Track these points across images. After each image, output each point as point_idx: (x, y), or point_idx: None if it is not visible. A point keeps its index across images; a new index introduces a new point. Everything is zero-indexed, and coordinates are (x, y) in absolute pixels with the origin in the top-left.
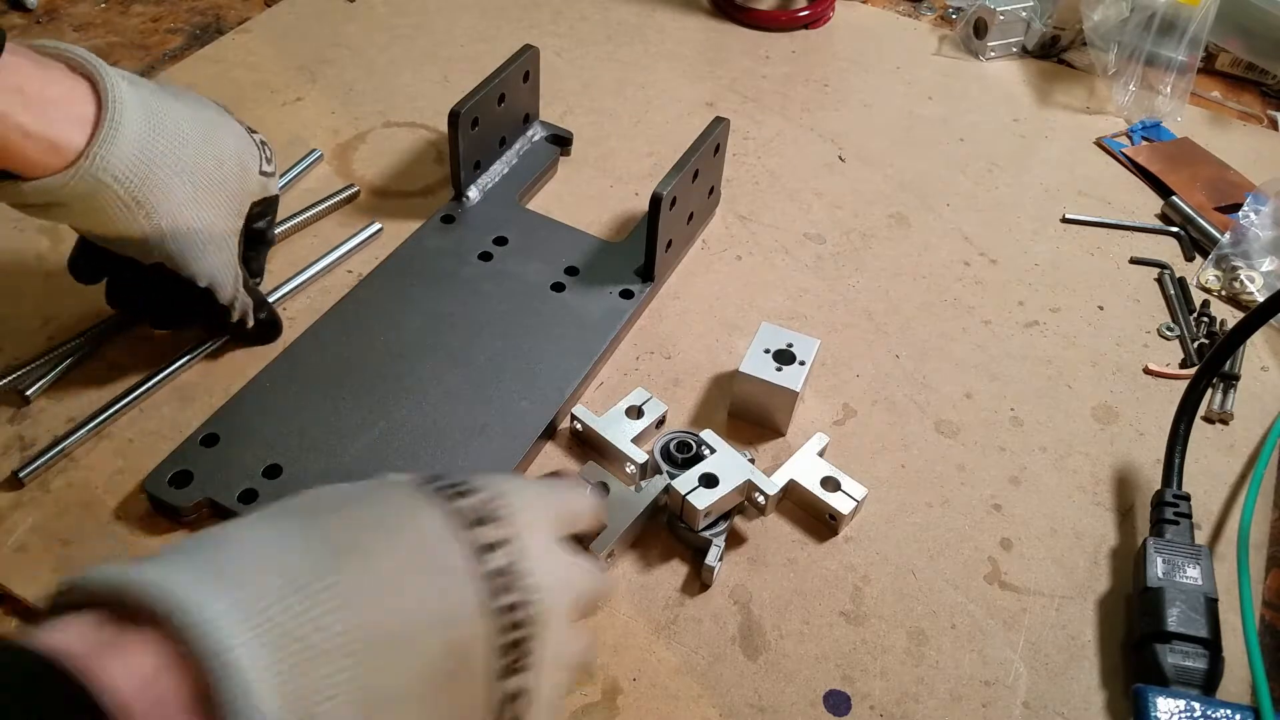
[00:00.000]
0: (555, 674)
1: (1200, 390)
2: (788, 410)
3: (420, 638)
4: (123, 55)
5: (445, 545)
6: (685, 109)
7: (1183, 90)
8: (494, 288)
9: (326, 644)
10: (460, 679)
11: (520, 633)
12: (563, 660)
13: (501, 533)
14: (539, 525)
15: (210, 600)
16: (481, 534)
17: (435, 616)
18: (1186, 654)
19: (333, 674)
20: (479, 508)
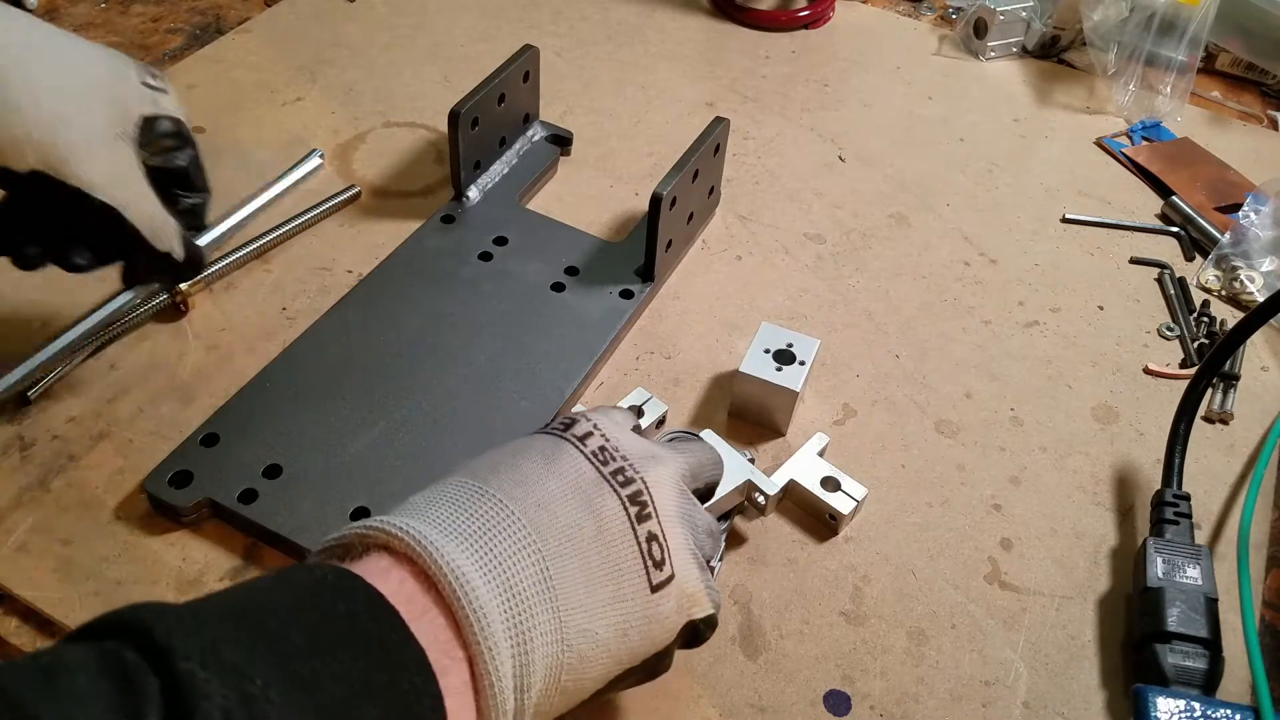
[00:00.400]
0: (678, 527)
1: (1200, 390)
2: (788, 410)
3: (562, 504)
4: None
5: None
6: (685, 109)
7: (1183, 90)
8: (494, 288)
9: (508, 535)
10: (606, 533)
11: (641, 499)
12: (686, 517)
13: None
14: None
15: (443, 542)
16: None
17: (571, 489)
18: (1186, 654)
19: (517, 550)
20: (622, 471)
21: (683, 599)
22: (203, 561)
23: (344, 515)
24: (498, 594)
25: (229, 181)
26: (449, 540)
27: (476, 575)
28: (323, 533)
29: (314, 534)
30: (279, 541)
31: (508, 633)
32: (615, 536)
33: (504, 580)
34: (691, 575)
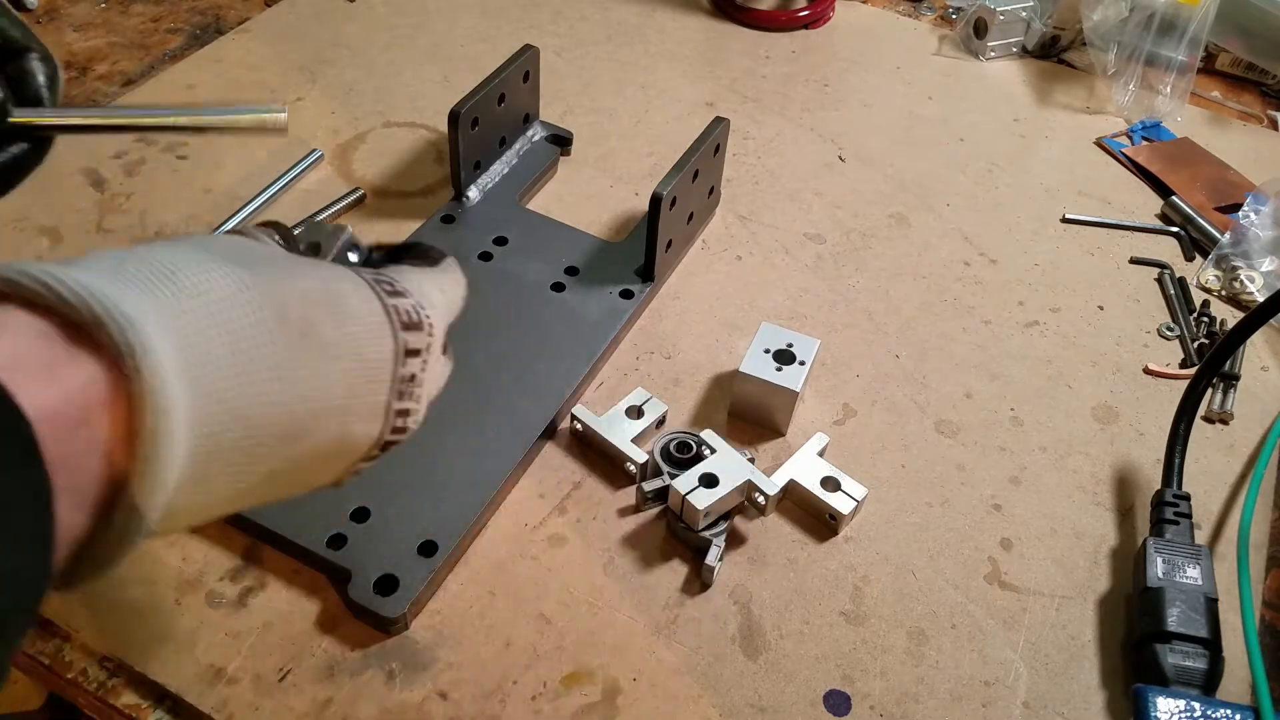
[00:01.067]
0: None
1: (1200, 390)
2: (788, 410)
3: (322, 429)
4: (122, 55)
5: (380, 344)
6: (685, 109)
7: (1183, 90)
8: (494, 288)
9: (245, 414)
10: (336, 458)
11: (396, 438)
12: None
13: (423, 341)
14: (441, 327)
15: (162, 349)
16: (411, 339)
17: (343, 409)
18: (1186, 654)
19: (235, 445)
20: (410, 311)
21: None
22: (202, 561)
23: (344, 515)
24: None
25: (229, 182)
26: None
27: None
28: (323, 533)
29: (314, 534)
30: (279, 541)
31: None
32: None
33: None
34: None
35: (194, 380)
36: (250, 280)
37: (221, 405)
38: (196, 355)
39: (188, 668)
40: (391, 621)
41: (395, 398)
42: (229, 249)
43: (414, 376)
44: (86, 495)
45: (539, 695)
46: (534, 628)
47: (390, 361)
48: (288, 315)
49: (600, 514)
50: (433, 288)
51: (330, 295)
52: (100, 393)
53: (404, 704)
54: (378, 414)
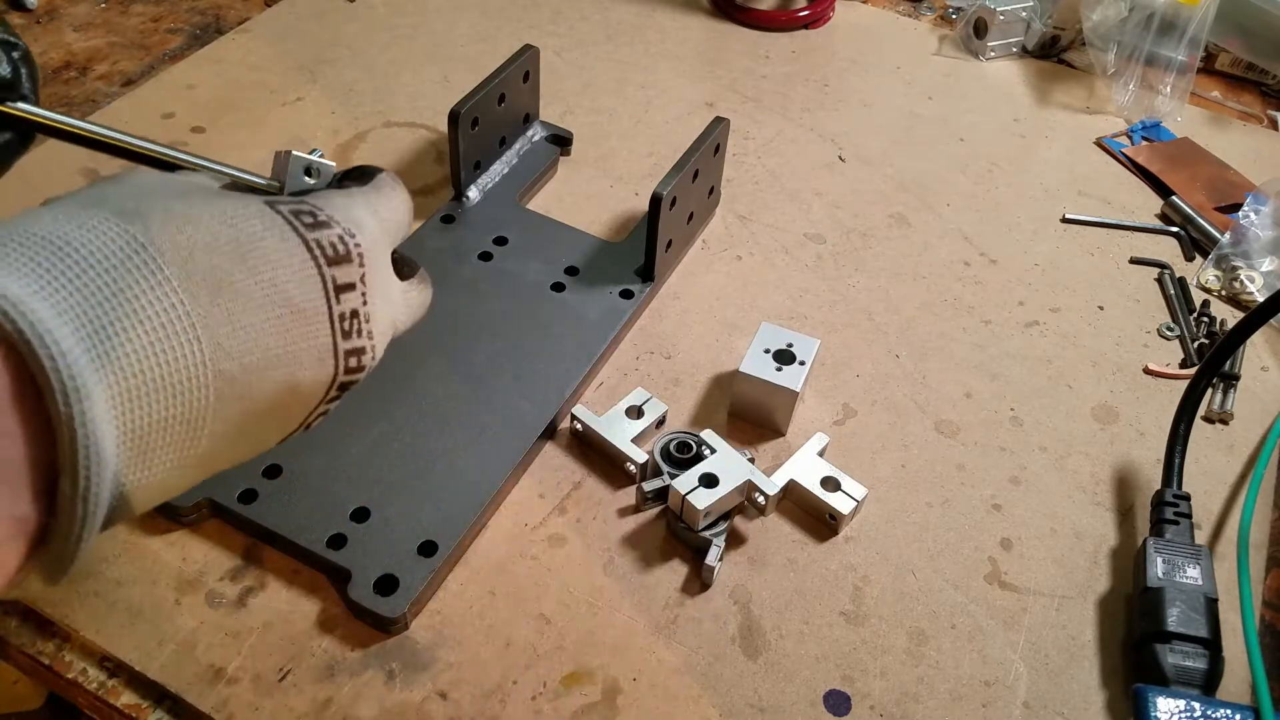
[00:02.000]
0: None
1: (1200, 390)
2: (788, 410)
3: (263, 382)
4: (122, 55)
5: (306, 285)
6: (685, 109)
7: (1183, 90)
8: (494, 288)
9: (168, 381)
10: (290, 408)
11: (353, 377)
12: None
13: (354, 274)
14: (380, 253)
15: (60, 330)
16: (339, 273)
17: (281, 359)
18: (1186, 654)
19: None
20: (336, 243)
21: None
22: (202, 561)
23: (344, 515)
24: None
25: None
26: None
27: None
28: (323, 533)
29: (314, 534)
30: (279, 541)
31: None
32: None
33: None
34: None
35: (101, 356)
36: (145, 236)
37: (138, 378)
38: (97, 330)
39: (188, 668)
40: (391, 621)
41: (340, 337)
42: (124, 196)
43: (355, 312)
44: (19, 488)
45: (539, 695)
46: (534, 628)
47: (321, 300)
48: (193, 270)
49: (600, 514)
50: (364, 211)
51: (240, 239)
52: (4, 388)
53: (404, 704)
54: (325, 358)
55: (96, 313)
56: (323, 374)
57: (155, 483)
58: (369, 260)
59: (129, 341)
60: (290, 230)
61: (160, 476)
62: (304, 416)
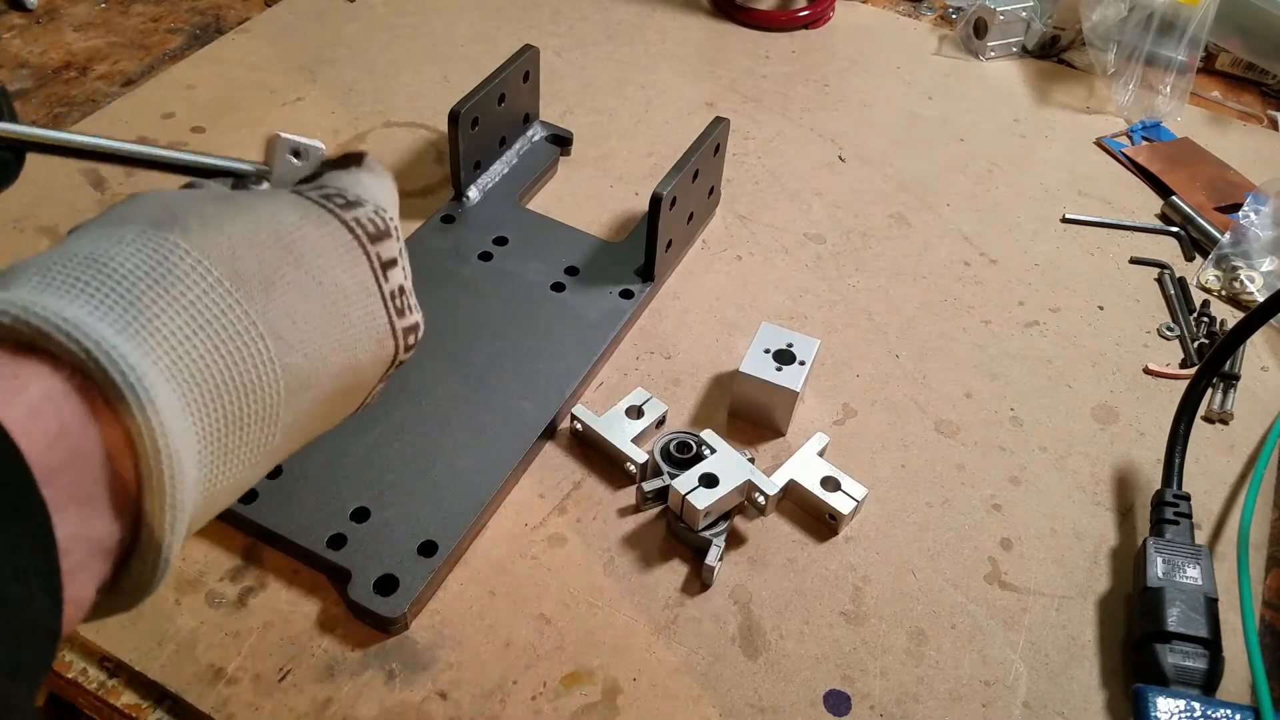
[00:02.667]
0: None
1: (1200, 390)
2: (788, 410)
3: (328, 370)
4: (122, 55)
5: (355, 267)
6: (685, 109)
7: (1182, 90)
8: (494, 288)
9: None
10: (353, 391)
11: (410, 354)
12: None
13: (394, 248)
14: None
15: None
16: (382, 250)
17: (343, 344)
18: (1186, 654)
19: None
20: (375, 219)
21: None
22: (202, 561)
23: (344, 515)
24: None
25: None
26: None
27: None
28: (323, 533)
29: (314, 534)
30: (279, 541)
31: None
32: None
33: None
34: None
35: (170, 366)
36: (187, 242)
37: (209, 382)
38: (160, 340)
39: (188, 668)
40: (391, 621)
41: (395, 315)
42: (152, 209)
43: (402, 288)
44: (97, 506)
45: (539, 695)
46: (534, 628)
47: (372, 280)
48: (241, 270)
49: (600, 514)
50: (376, 187)
51: (280, 232)
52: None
53: (404, 704)
54: (385, 339)
55: (156, 324)
56: (383, 354)
57: (233, 482)
58: (400, 235)
59: (195, 348)
60: (328, 214)
61: (239, 474)
62: (364, 397)
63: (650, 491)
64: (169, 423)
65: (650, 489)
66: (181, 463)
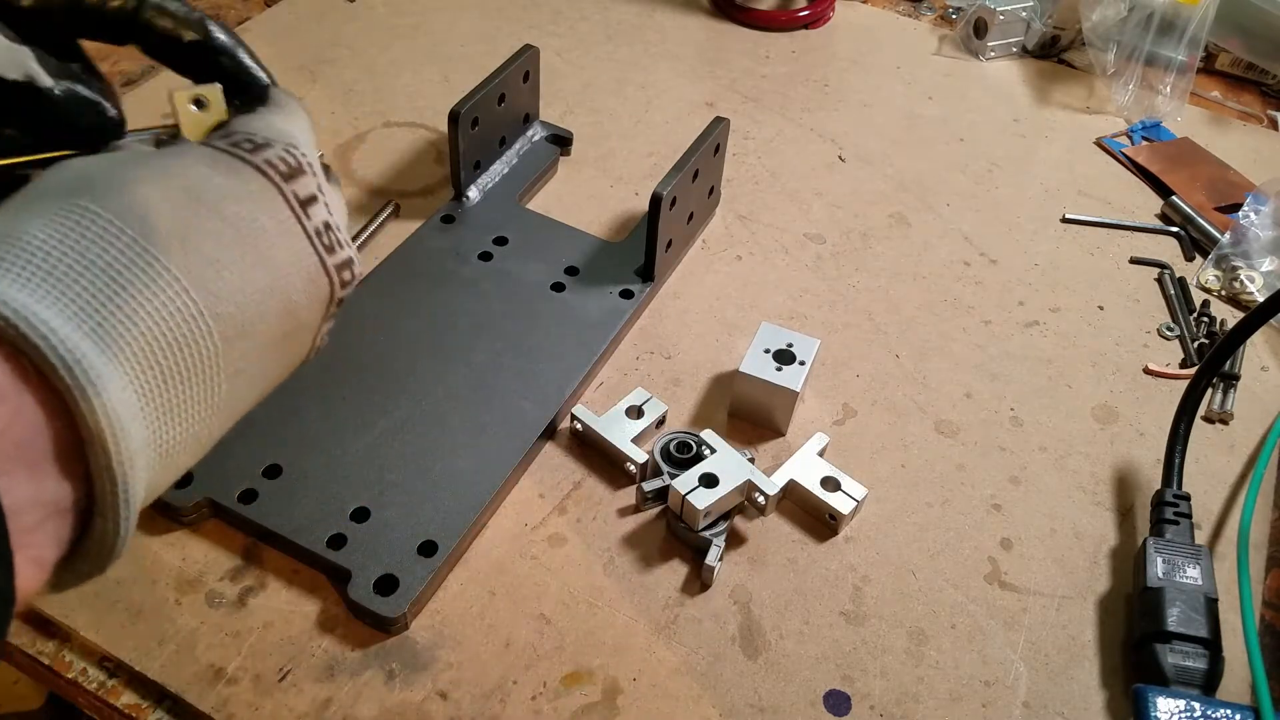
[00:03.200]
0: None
1: (1200, 390)
2: (788, 410)
3: (263, 315)
4: (123, 55)
5: (271, 207)
6: (685, 109)
7: (1182, 90)
8: (494, 288)
9: (171, 338)
10: (296, 334)
11: (347, 290)
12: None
13: (311, 185)
14: (317, 163)
15: (44, 308)
16: (298, 188)
17: (274, 288)
18: (1186, 654)
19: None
20: (285, 158)
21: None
22: (203, 561)
23: (344, 515)
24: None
25: None
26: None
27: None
28: (323, 533)
29: (314, 534)
30: (279, 541)
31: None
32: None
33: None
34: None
35: (96, 329)
36: (98, 206)
37: (140, 340)
38: (84, 307)
39: (188, 668)
40: (391, 621)
41: (325, 253)
42: (65, 179)
43: (328, 224)
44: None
45: (539, 695)
46: (534, 628)
47: (292, 219)
48: (155, 225)
49: (600, 514)
50: (286, 124)
51: (191, 185)
52: (4, 378)
53: (404, 704)
54: (316, 277)
55: (75, 289)
56: (318, 293)
57: (189, 437)
58: (315, 168)
59: (119, 309)
60: (236, 160)
61: (192, 429)
62: (311, 339)
63: (650, 491)
64: (101, 383)
65: (650, 489)
66: (122, 420)
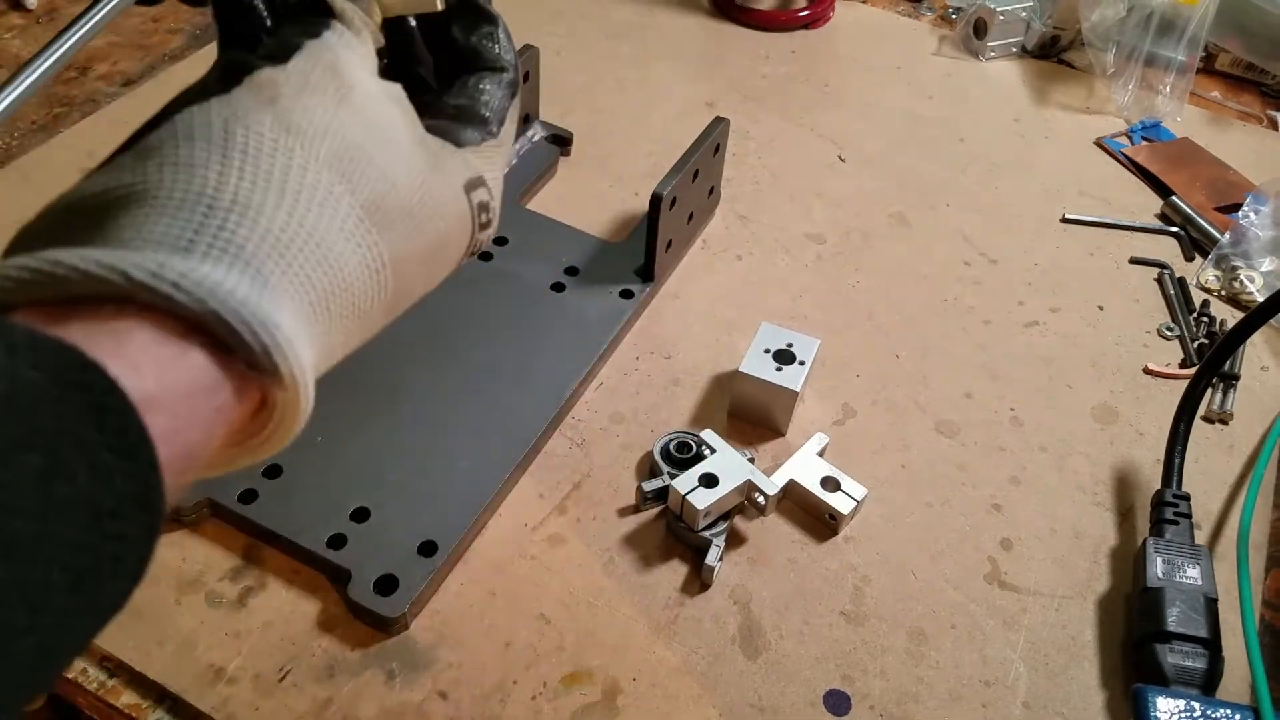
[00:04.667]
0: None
1: (1200, 390)
2: (788, 410)
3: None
4: (122, 55)
5: (461, 238)
6: (685, 109)
7: (1182, 90)
8: (494, 288)
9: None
10: (448, 248)
11: (484, 244)
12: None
13: (484, 194)
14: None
15: (279, 317)
16: (483, 237)
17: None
18: (1186, 654)
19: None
20: (486, 205)
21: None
22: (203, 561)
23: (344, 515)
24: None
25: None
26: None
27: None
28: (323, 533)
29: (314, 534)
30: (279, 541)
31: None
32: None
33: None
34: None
35: (300, 295)
36: (333, 178)
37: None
38: (299, 286)
39: (188, 668)
40: (391, 621)
41: (479, 230)
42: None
43: (484, 204)
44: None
45: (539, 695)
46: (534, 628)
47: (467, 215)
48: (378, 213)
49: (600, 514)
50: (502, 112)
51: (413, 197)
52: (213, 375)
53: (404, 704)
54: (465, 240)
55: (301, 279)
56: (462, 250)
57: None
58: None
59: (331, 286)
60: (463, 198)
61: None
62: (463, 246)
63: (650, 491)
64: (307, 376)
65: (650, 489)
66: (304, 367)
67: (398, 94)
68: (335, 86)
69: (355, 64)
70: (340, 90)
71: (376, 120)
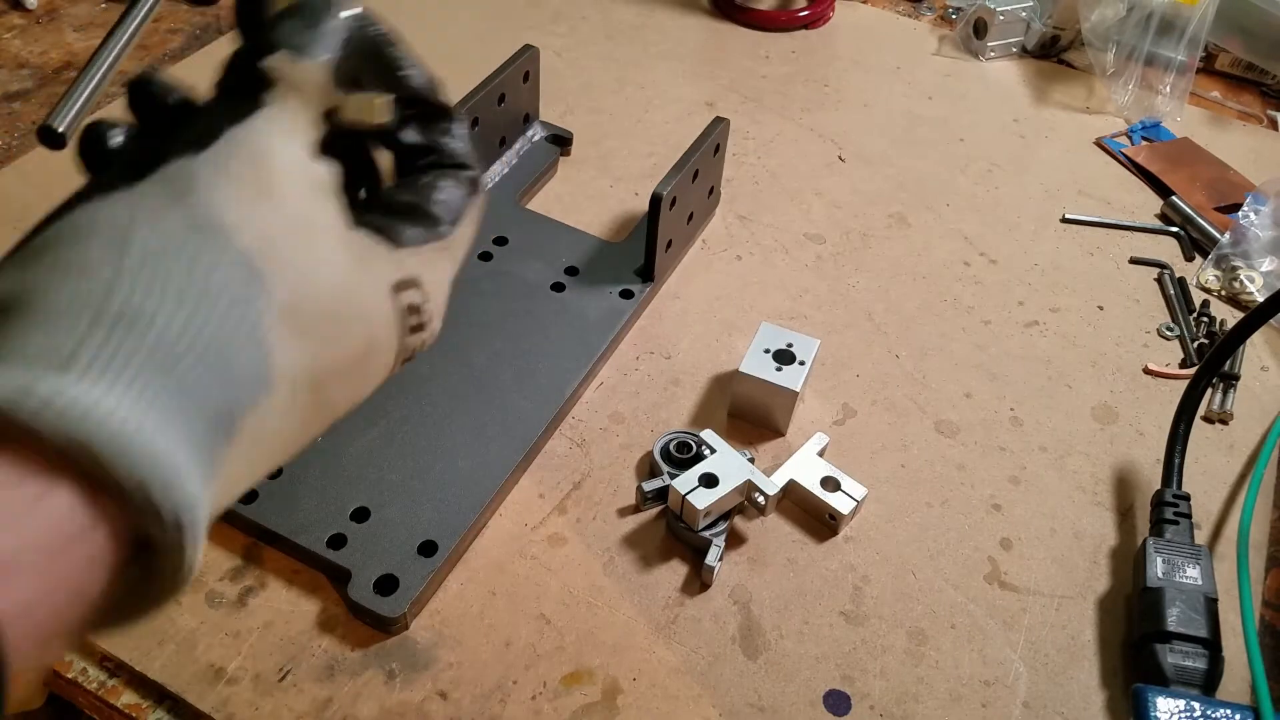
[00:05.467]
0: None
1: (1200, 390)
2: (788, 410)
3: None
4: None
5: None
6: (685, 109)
7: (1182, 90)
8: (494, 287)
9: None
10: (374, 354)
11: (411, 359)
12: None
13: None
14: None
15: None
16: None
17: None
18: (1186, 654)
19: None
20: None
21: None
22: (203, 561)
23: (344, 515)
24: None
25: None
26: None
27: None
28: (323, 533)
29: (314, 534)
30: (279, 541)
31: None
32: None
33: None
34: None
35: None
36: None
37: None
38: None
39: (188, 668)
40: (391, 621)
41: (407, 334)
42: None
43: (413, 306)
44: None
45: (539, 695)
46: (534, 628)
47: (392, 312)
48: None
49: (600, 514)
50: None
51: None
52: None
53: (404, 704)
54: (392, 349)
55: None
56: (387, 363)
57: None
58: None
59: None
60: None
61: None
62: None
63: (650, 491)
64: (195, 514)
65: (650, 489)
66: (198, 524)
67: (328, 184)
68: (255, 177)
69: (283, 150)
70: (260, 181)
71: (299, 214)
